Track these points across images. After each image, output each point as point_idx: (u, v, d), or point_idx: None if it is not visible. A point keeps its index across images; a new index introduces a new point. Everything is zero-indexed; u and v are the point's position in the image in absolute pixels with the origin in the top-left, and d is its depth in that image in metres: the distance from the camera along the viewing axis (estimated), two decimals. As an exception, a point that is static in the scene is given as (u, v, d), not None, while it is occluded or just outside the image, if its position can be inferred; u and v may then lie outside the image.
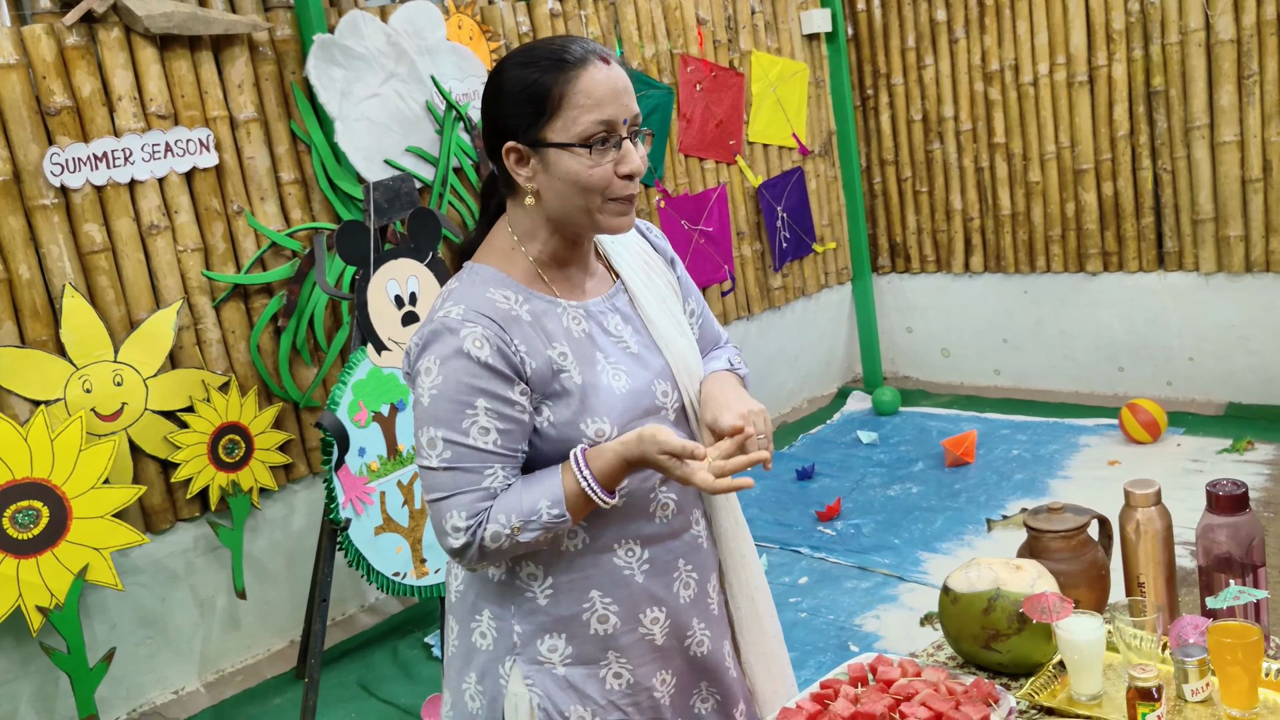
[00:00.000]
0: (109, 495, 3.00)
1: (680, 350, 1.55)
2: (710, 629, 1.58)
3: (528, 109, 1.40)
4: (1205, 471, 4.00)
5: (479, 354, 1.38)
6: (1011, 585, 1.64)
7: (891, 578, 3.64)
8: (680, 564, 1.54)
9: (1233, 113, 4.44)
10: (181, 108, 3.36)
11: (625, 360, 1.50)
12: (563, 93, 1.38)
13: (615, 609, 1.49)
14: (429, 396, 1.40)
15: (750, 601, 1.62)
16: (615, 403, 1.45)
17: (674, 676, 1.54)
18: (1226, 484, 1.65)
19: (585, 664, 1.49)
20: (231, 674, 3.54)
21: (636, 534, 1.50)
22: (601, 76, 1.40)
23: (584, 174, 1.40)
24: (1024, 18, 4.90)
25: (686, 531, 1.55)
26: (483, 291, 1.44)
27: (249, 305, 3.55)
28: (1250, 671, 1.46)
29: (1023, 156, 5.06)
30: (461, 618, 1.54)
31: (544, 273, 1.49)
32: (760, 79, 5.10)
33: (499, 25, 4.15)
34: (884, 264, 5.68)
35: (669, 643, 1.53)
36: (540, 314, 1.46)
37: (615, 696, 1.50)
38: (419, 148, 3.84)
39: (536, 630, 1.48)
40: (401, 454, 3.13)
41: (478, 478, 1.39)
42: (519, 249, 1.49)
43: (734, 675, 1.62)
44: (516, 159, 1.43)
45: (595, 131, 1.39)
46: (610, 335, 1.51)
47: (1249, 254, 4.54)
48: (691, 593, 1.55)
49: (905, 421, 5.11)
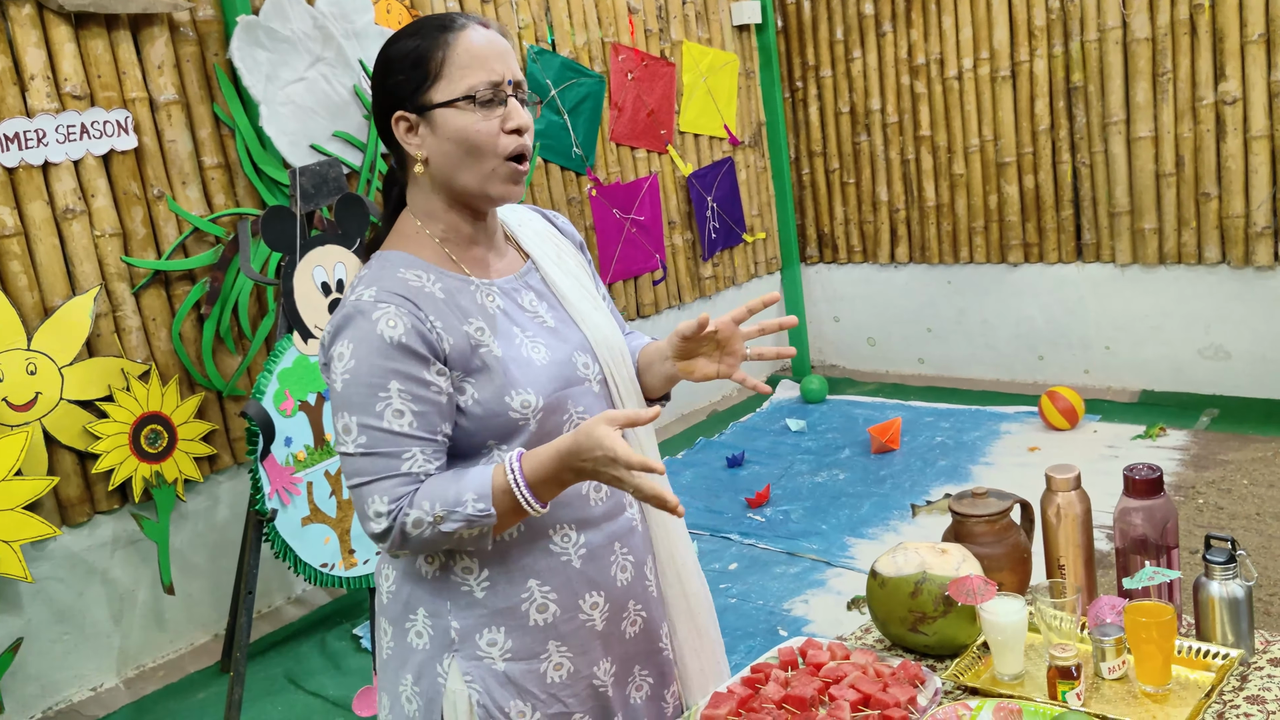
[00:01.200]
0: (20, 487, 2.91)
1: (597, 323, 1.56)
2: (647, 610, 1.58)
3: (413, 74, 1.42)
4: (1120, 457, 4.12)
5: (392, 334, 1.36)
6: (937, 569, 1.67)
7: (819, 563, 3.69)
8: (616, 547, 1.54)
9: (1148, 109, 4.57)
10: (98, 88, 3.26)
11: (543, 334, 1.50)
12: (445, 55, 1.41)
13: (554, 597, 1.48)
14: (342, 382, 1.38)
15: (679, 581, 1.63)
16: (538, 374, 1.45)
17: (614, 665, 1.54)
18: (1142, 468, 1.71)
19: (525, 658, 1.47)
20: (153, 669, 3.47)
21: (572, 519, 1.49)
22: (480, 37, 1.42)
23: (471, 129, 1.40)
24: (949, 13, 4.99)
25: (621, 514, 1.55)
26: (394, 273, 1.43)
27: (170, 292, 3.46)
28: (1164, 649, 1.51)
29: (947, 149, 5.15)
30: (395, 619, 1.52)
31: (452, 253, 1.49)
32: (691, 69, 5.12)
33: (427, 10, 4.10)
34: (812, 254, 5.74)
35: (609, 628, 1.52)
36: (453, 291, 1.45)
37: (556, 688, 1.49)
38: (346, 133, 3.78)
39: (475, 625, 1.46)
40: (329, 443, 3.08)
41: (395, 462, 1.37)
42: (423, 231, 1.48)
43: (666, 655, 1.63)
44: (406, 128, 1.44)
45: (479, 87, 1.40)
46: (525, 311, 1.51)
47: (1162, 246, 4.68)
48: (629, 575, 1.55)
49: (832, 409, 5.18)
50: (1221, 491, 3.78)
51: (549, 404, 1.45)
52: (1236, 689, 1.52)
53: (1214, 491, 3.78)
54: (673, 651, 1.64)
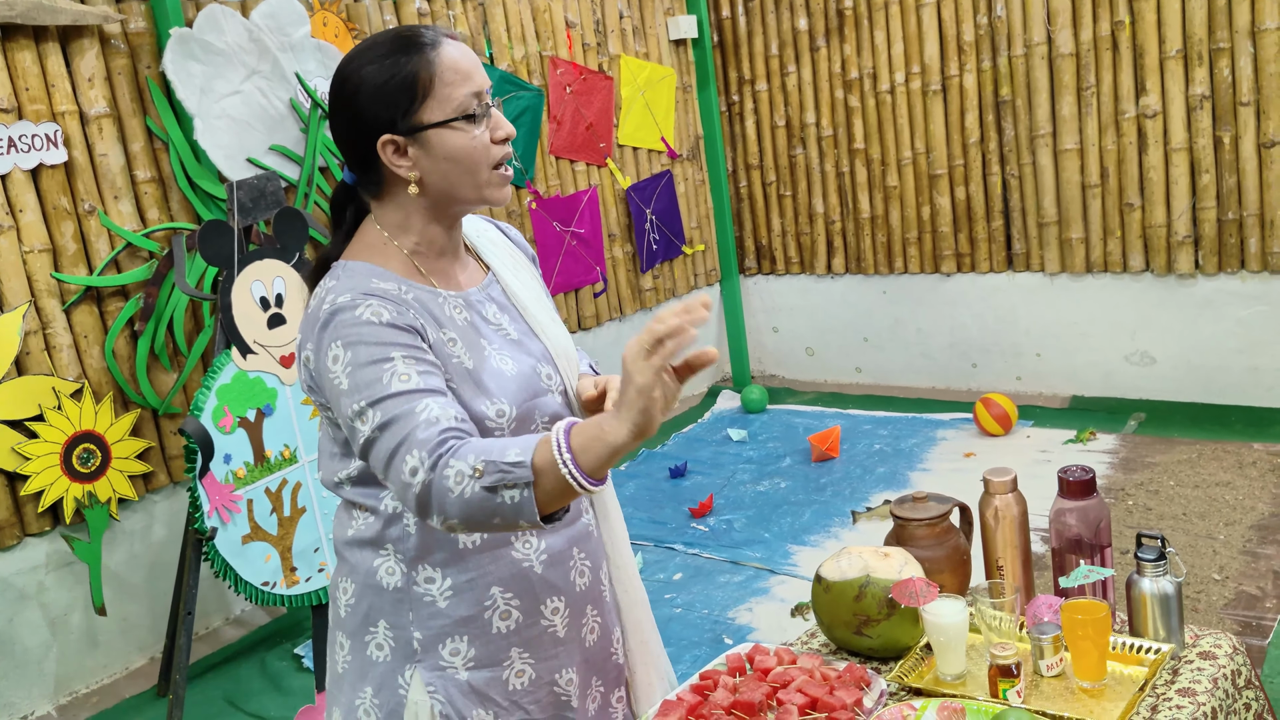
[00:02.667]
0: (-50, 511, 2.83)
1: (555, 335, 1.58)
2: (602, 616, 1.60)
3: (399, 98, 1.40)
4: (1053, 461, 4.22)
5: (380, 318, 1.36)
6: (880, 572, 1.70)
7: (763, 571, 3.72)
8: (575, 552, 1.55)
9: (1073, 122, 4.70)
10: (26, 101, 3.20)
11: (508, 346, 1.50)
12: (431, 73, 1.40)
13: (516, 603, 1.48)
14: (345, 377, 1.34)
15: (627, 585, 1.65)
16: (508, 384, 1.45)
17: (576, 673, 1.55)
18: (1076, 470, 1.76)
19: (488, 666, 1.48)
20: (87, 695, 3.39)
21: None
22: (458, 51, 1.43)
23: (468, 145, 1.41)
24: (881, 28, 5.09)
25: (579, 520, 1.57)
26: (366, 281, 1.41)
27: (103, 309, 3.40)
28: (1099, 646, 1.56)
29: (881, 162, 5.24)
30: (353, 632, 1.50)
31: (420, 264, 1.48)
32: (629, 83, 5.15)
33: (365, 23, 4.08)
34: (750, 265, 5.80)
35: (570, 634, 1.54)
36: (425, 302, 1.45)
37: (518, 696, 1.49)
38: (283, 146, 3.74)
39: (438, 635, 1.46)
40: (269, 460, 3.05)
41: (412, 416, 1.29)
42: (390, 243, 1.47)
43: (617, 661, 1.64)
44: (394, 150, 1.42)
45: (469, 103, 1.41)
46: (490, 323, 1.51)
47: (1089, 255, 4.81)
48: (586, 580, 1.57)
49: (773, 419, 5.23)
50: (1149, 493, 3.89)
51: (520, 414, 1.46)
52: (1169, 682, 1.57)
53: (1142, 493, 3.89)
54: (623, 656, 1.66)
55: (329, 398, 1.39)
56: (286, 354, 3.10)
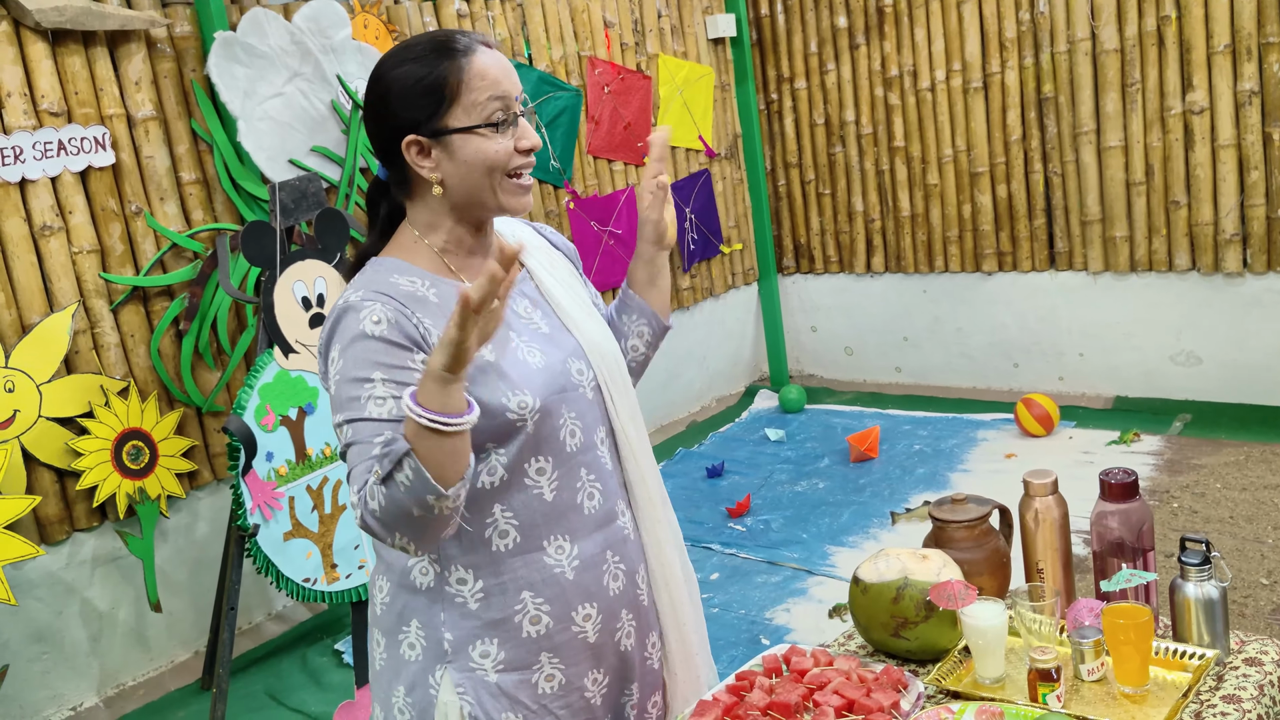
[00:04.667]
0: (1, 506, 2.89)
1: (590, 330, 1.58)
2: (637, 620, 1.59)
3: (427, 100, 1.42)
4: (1095, 463, 4.17)
5: (374, 330, 1.37)
6: (918, 574, 1.69)
7: (800, 571, 3.71)
8: (609, 556, 1.54)
9: (1117, 119, 4.64)
10: (75, 105, 3.26)
11: (537, 339, 1.51)
12: (460, 79, 1.42)
13: (547, 609, 1.48)
14: (334, 384, 1.39)
15: (667, 589, 1.63)
16: (533, 376, 1.46)
17: (605, 675, 1.55)
18: (1118, 472, 1.74)
19: (518, 669, 1.48)
20: (133, 688, 3.44)
21: (566, 529, 1.50)
22: (491, 59, 1.44)
23: (490, 152, 1.43)
24: (921, 25, 5.05)
25: (613, 523, 1.56)
26: (385, 277, 1.44)
27: (149, 308, 3.45)
28: (1142, 651, 1.54)
29: (921, 160, 5.20)
30: (388, 630, 1.52)
31: (451, 262, 1.50)
32: (667, 82, 5.15)
33: (405, 25, 4.12)
34: (789, 265, 5.78)
35: (601, 639, 1.53)
36: (447, 297, 1.46)
37: (547, 700, 1.50)
38: (324, 148, 3.78)
39: (468, 636, 1.47)
40: (310, 458, 3.08)
41: (370, 447, 1.34)
42: (421, 241, 1.50)
43: (652, 666, 1.63)
44: (418, 151, 1.44)
45: (494, 111, 1.43)
46: (520, 317, 1.52)
47: (1133, 254, 4.75)
48: (620, 585, 1.56)
49: (811, 419, 5.21)
50: (1195, 495, 3.83)
51: (544, 406, 1.46)
52: (1213, 688, 1.55)
53: (1188, 495, 3.83)
54: (659, 661, 1.64)
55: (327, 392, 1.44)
56: (328, 353, 3.13)
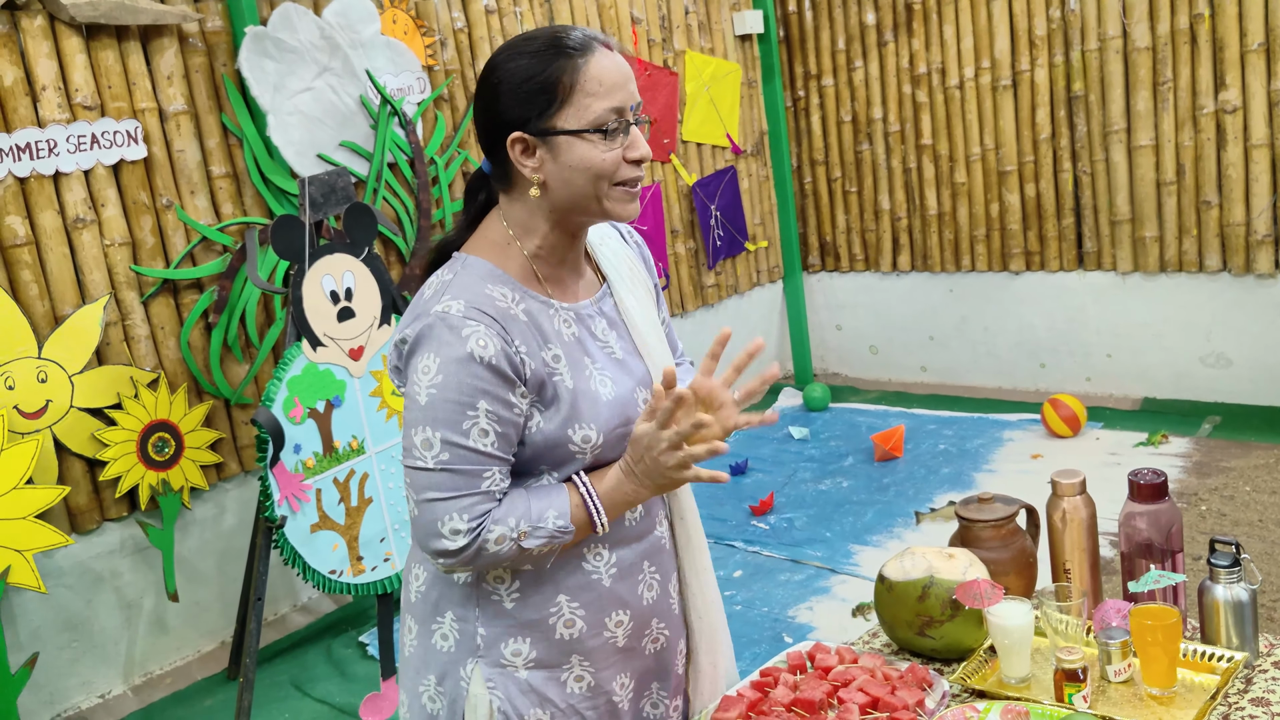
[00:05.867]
0: (32, 495, 2.93)
1: (661, 358, 1.55)
2: (669, 628, 1.59)
3: (537, 99, 1.39)
4: (1123, 464, 4.14)
5: (483, 354, 1.35)
6: (944, 573, 1.69)
7: (824, 570, 3.70)
8: (645, 565, 1.54)
9: (1148, 118, 4.60)
10: (108, 99, 3.29)
11: (611, 366, 1.49)
12: (574, 81, 1.38)
13: (582, 613, 1.48)
14: (427, 395, 1.35)
15: (700, 598, 1.63)
16: (602, 409, 1.44)
17: (632, 679, 1.55)
18: (1147, 473, 1.72)
19: (548, 667, 1.48)
20: (160, 676, 3.48)
21: (605, 537, 1.49)
22: (609, 63, 1.40)
23: (596, 159, 1.39)
24: (950, 22, 5.02)
25: (651, 533, 1.56)
26: (481, 287, 1.40)
27: (179, 301, 3.49)
28: (1169, 652, 1.53)
29: (949, 158, 5.18)
30: (422, 619, 1.52)
31: (539, 270, 1.47)
32: (694, 78, 5.15)
33: (434, 20, 4.13)
34: (814, 262, 5.77)
35: (630, 644, 1.53)
36: (535, 314, 1.44)
37: (575, 700, 1.50)
38: (353, 143, 3.80)
39: (501, 633, 1.47)
40: (338, 451, 3.10)
41: (476, 480, 1.36)
42: (514, 243, 1.46)
43: (678, 671, 1.63)
44: (522, 149, 1.41)
45: (607, 117, 1.39)
46: (598, 340, 1.50)
47: (1163, 254, 4.70)
48: (654, 594, 1.56)
49: (835, 417, 5.20)
50: (1224, 498, 3.79)
51: (607, 441, 1.45)
52: (1241, 691, 1.54)
53: (1216, 498, 3.80)
54: (686, 667, 1.64)
55: (405, 396, 1.41)
56: (355, 347, 3.15)
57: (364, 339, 3.17)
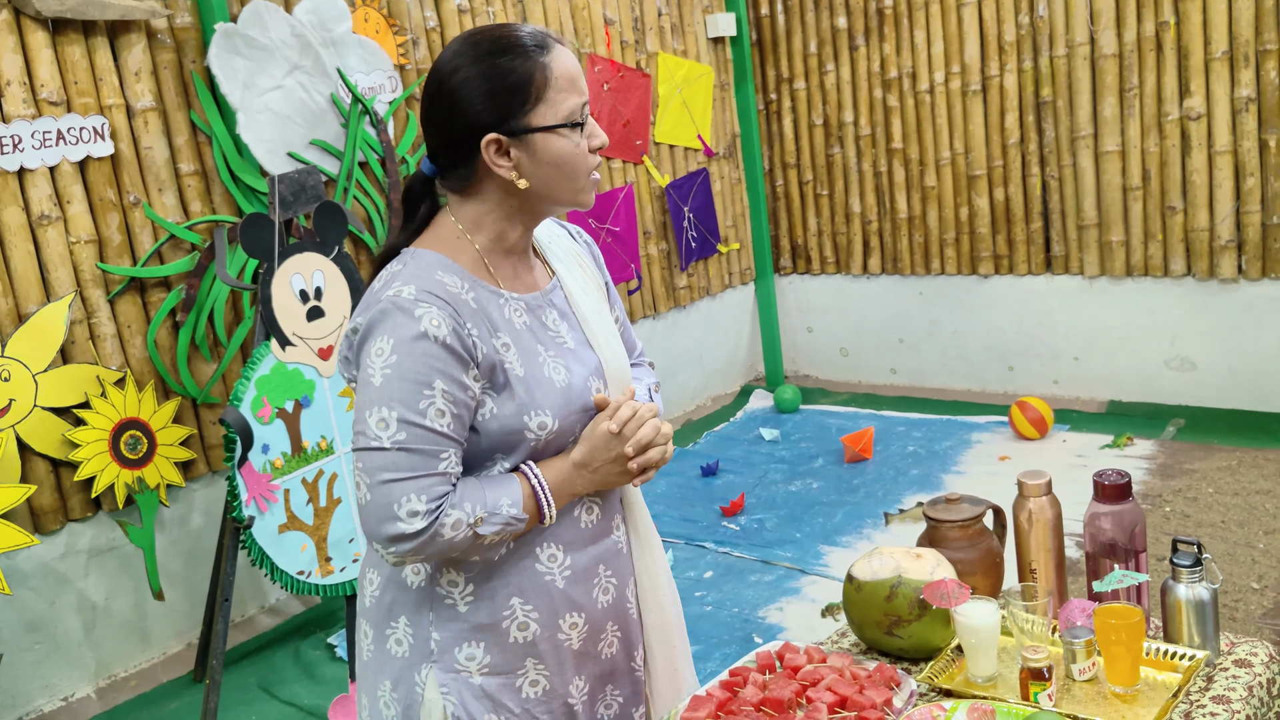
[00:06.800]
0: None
1: (613, 350, 1.57)
2: (623, 631, 1.59)
3: (509, 98, 1.40)
4: (1089, 466, 4.18)
5: (437, 333, 1.36)
6: (912, 573, 1.70)
7: (794, 571, 3.72)
8: (600, 569, 1.54)
9: (1115, 124, 4.65)
10: (75, 95, 3.26)
11: (563, 355, 1.50)
12: (545, 78, 1.41)
13: (535, 615, 1.48)
14: (381, 376, 1.35)
15: (657, 603, 1.63)
16: (556, 396, 1.45)
17: (586, 683, 1.55)
18: (1111, 474, 1.75)
19: (502, 673, 1.48)
20: (125, 679, 3.44)
21: (560, 540, 1.50)
22: (568, 58, 1.44)
23: (572, 152, 1.44)
24: (921, 27, 5.06)
25: (607, 537, 1.56)
26: (431, 274, 1.41)
27: (146, 299, 3.45)
28: (1133, 651, 1.55)
29: (919, 162, 5.21)
30: (376, 623, 1.52)
31: (489, 262, 1.49)
32: (667, 80, 5.15)
33: (406, 19, 4.12)
34: (785, 265, 5.79)
35: (585, 648, 1.53)
36: (484, 302, 1.45)
37: (530, 704, 1.49)
38: (324, 141, 3.78)
39: (455, 638, 1.47)
40: (306, 451, 3.08)
41: (434, 461, 1.36)
42: (465, 238, 1.48)
43: (639, 675, 1.63)
44: (497, 150, 1.42)
45: (576, 111, 1.43)
46: (549, 330, 1.51)
47: (1129, 258, 4.76)
48: (610, 598, 1.55)
49: (806, 419, 5.22)
50: (1188, 500, 3.84)
51: (561, 427, 1.46)
52: (1203, 689, 1.56)
53: (1180, 500, 3.85)
54: (645, 671, 1.64)
55: (357, 382, 1.41)
56: (325, 346, 3.13)
57: (333, 338, 3.15)
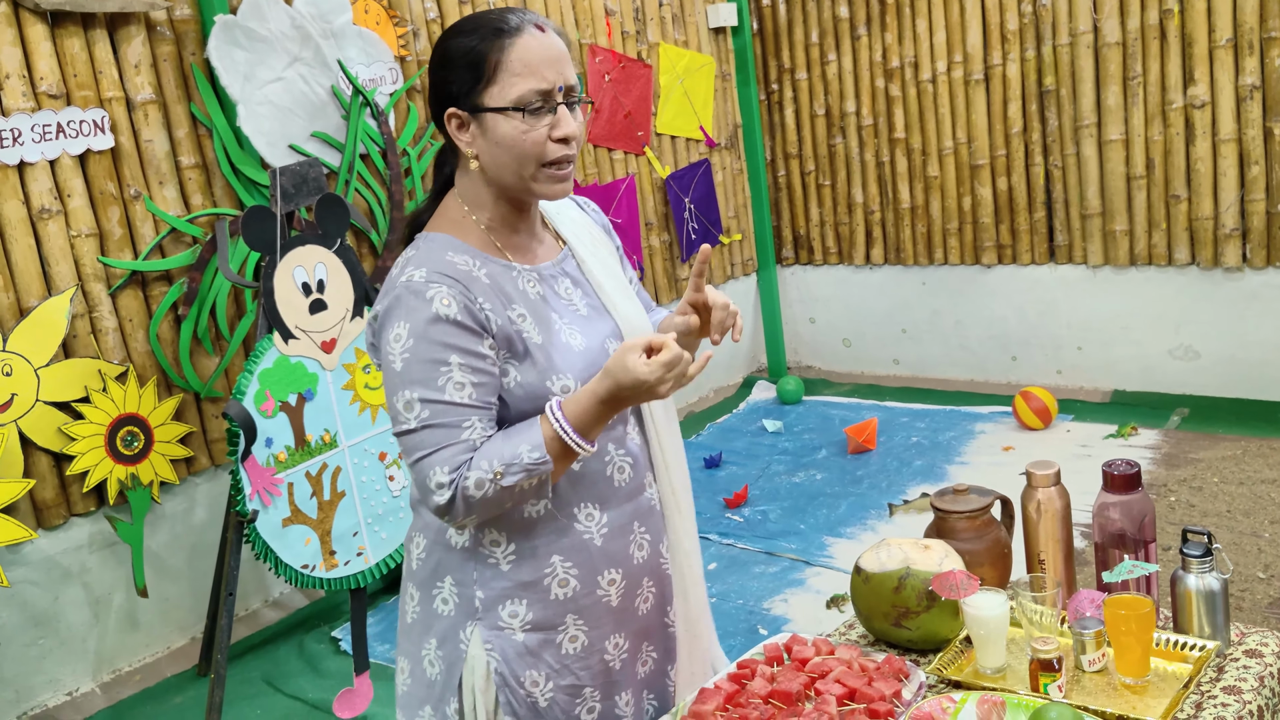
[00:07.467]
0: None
1: (628, 312, 1.62)
2: (658, 587, 1.64)
3: (467, 75, 1.45)
4: (1093, 456, 4.17)
5: (447, 312, 1.41)
6: (920, 564, 1.69)
7: (798, 562, 3.71)
8: (635, 526, 1.59)
9: (1119, 112, 4.63)
10: (74, 88, 3.24)
11: (578, 321, 1.55)
12: (499, 59, 1.44)
13: (575, 572, 1.53)
14: (401, 360, 1.42)
15: (684, 564, 1.68)
16: (575, 359, 1.50)
17: (626, 640, 1.60)
18: (1121, 464, 1.74)
19: (544, 629, 1.53)
20: (129, 673, 3.44)
21: (595, 498, 1.55)
22: (536, 44, 1.45)
23: (519, 138, 1.45)
24: (923, 16, 5.03)
25: (641, 494, 1.61)
26: (442, 255, 1.47)
27: (147, 293, 3.44)
28: (1143, 641, 1.54)
29: (922, 151, 5.20)
30: (422, 584, 1.58)
31: (496, 238, 1.54)
32: (668, 71, 5.13)
33: (406, 10, 4.10)
34: (788, 255, 5.78)
35: (623, 604, 1.58)
36: (497, 277, 1.50)
37: (569, 660, 1.55)
38: (325, 133, 3.77)
39: (498, 596, 1.52)
40: (309, 444, 3.08)
41: (456, 431, 1.41)
42: (469, 217, 1.53)
43: (671, 632, 1.69)
44: (458, 125, 1.48)
45: (530, 97, 1.44)
46: (562, 298, 1.56)
47: (1133, 248, 4.74)
48: (645, 554, 1.61)
49: (809, 410, 5.21)
50: (1193, 489, 3.83)
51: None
52: (1214, 680, 1.55)
53: (1185, 489, 3.84)
54: (675, 627, 1.70)
55: (382, 367, 1.46)
56: (328, 339, 3.12)
57: (336, 331, 3.14)
